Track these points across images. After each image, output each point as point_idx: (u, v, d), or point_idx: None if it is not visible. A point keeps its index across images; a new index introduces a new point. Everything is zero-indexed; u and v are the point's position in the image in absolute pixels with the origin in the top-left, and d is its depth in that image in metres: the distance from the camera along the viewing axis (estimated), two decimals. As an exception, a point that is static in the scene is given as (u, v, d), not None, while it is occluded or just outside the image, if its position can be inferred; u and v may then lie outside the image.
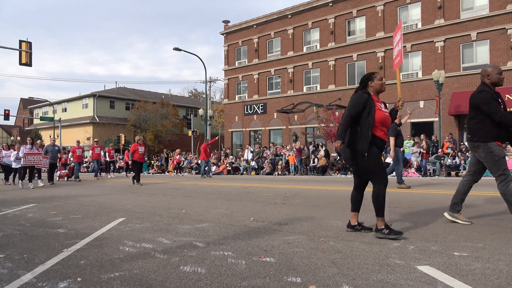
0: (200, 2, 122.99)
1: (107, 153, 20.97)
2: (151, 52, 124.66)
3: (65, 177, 18.17)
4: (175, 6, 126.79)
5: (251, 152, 23.83)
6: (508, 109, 16.26)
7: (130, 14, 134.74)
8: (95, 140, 22.94)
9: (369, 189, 3.99)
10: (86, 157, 28.46)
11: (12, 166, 14.82)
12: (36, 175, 15.70)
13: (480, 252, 3.21)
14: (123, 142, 35.29)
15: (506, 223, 4.49)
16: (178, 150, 23.89)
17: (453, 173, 15.84)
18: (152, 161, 29.63)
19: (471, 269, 2.76)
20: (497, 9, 19.70)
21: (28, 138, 13.22)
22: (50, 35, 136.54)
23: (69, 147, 27.90)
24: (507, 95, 18.67)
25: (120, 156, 29.60)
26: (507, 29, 19.39)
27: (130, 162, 17.81)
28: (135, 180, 13.06)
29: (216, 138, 23.99)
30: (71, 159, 20.16)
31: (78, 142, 18.96)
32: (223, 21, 32.56)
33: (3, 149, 15.68)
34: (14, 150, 14.86)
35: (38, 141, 16.38)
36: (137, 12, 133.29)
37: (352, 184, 4.22)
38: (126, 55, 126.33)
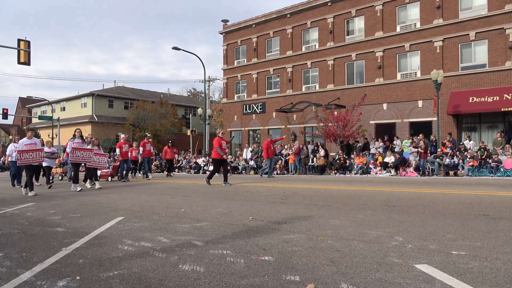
0: (199, 1, 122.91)
1: (141, 149, 16.99)
2: (150, 51, 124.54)
3: (108, 177, 15.56)
4: (174, 6, 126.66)
5: (250, 151, 23.83)
6: (507, 109, 16.30)
7: (129, 14, 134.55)
8: (146, 134, 19.76)
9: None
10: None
11: (44, 165, 12.46)
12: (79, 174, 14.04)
13: (478, 250, 3.22)
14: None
15: (504, 222, 4.50)
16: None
17: (451, 172, 15.87)
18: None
19: (469, 267, 2.77)
20: (496, 9, 19.73)
21: (77, 130, 10.98)
22: (49, 34, 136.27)
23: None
24: (505, 95, 18.72)
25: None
26: (505, 29, 19.41)
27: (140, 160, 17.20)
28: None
29: (283, 137, 20.34)
30: (115, 157, 18.01)
31: (124, 137, 16.17)
32: (222, 21, 32.55)
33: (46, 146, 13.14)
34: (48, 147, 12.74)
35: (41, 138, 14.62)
36: (136, 12, 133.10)
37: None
38: (125, 55, 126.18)
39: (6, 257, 3.40)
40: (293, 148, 20.71)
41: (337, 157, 20.24)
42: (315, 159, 19.87)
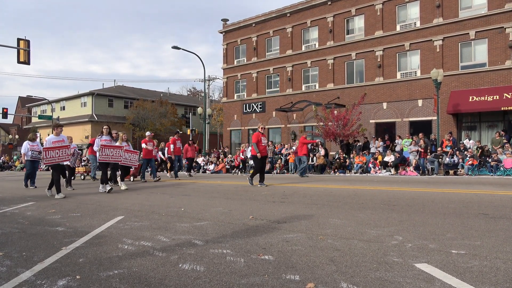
0: (199, 0, 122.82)
1: (172, 146, 15.85)
2: (149, 51, 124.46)
3: (130, 177, 14.31)
4: (174, 5, 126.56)
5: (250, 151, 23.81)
6: (506, 108, 16.31)
7: (128, 13, 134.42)
8: (177, 131, 18.55)
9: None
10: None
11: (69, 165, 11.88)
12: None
13: (477, 250, 3.23)
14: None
15: (504, 221, 4.51)
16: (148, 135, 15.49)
17: (451, 171, 15.88)
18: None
19: (468, 266, 2.77)
20: (496, 8, 19.73)
21: (105, 127, 9.87)
22: (49, 34, 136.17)
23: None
24: (505, 94, 18.72)
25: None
26: (505, 28, 19.41)
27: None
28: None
29: (317, 141, 20.04)
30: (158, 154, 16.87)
31: (149, 134, 14.94)
32: (221, 20, 32.53)
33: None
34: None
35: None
36: (135, 11, 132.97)
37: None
38: (125, 54, 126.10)
39: (6, 256, 3.40)
40: (293, 148, 20.71)
41: (337, 156, 20.24)
42: (315, 158, 19.87)
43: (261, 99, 29.57)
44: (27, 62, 19.74)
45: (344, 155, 19.81)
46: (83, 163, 18.90)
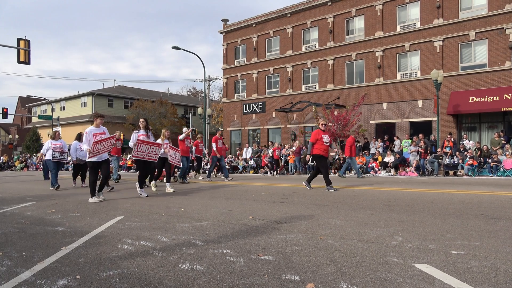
0: (199, 1, 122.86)
1: (213, 145, 14.26)
2: (150, 50, 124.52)
3: (164, 178, 12.45)
4: (174, 5, 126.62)
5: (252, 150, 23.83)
6: (507, 109, 16.32)
7: (128, 13, 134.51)
8: (219, 129, 17.68)
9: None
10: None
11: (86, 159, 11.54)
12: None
13: (477, 250, 3.23)
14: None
15: (504, 221, 4.51)
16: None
17: (451, 172, 15.88)
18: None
19: (468, 267, 2.77)
20: (496, 9, 19.73)
21: (141, 120, 8.93)
22: (49, 34, 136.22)
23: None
24: (505, 95, 18.73)
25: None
26: (505, 29, 19.41)
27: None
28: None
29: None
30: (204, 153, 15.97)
31: (186, 130, 13.61)
32: (222, 20, 32.54)
33: (79, 141, 11.45)
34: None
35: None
36: (135, 11, 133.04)
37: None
38: (125, 54, 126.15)
39: (6, 256, 3.40)
40: (293, 148, 20.72)
41: (336, 157, 20.24)
42: (280, 159, 19.98)
43: (261, 99, 29.57)
44: (27, 62, 19.76)
45: (344, 155, 19.80)
46: None
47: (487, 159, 15.67)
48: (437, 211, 5.41)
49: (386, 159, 17.86)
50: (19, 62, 19.62)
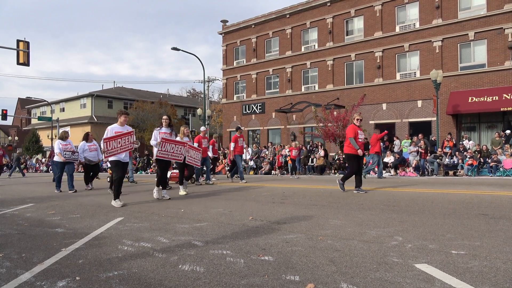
0: (199, 1, 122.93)
1: (232, 144, 13.40)
2: (149, 51, 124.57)
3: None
4: (174, 5, 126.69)
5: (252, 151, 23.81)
6: (506, 108, 16.28)
7: (128, 13, 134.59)
8: (239, 127, 13.88)
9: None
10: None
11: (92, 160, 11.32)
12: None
13: (477, 250, 3.22)
14: None
15: (504, 221, 4.51)
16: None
17: (450, 172, 15.88)
18: (151, 161, 29.57)
19: (468, 267, 2.77)
20: (495, 9, 19.76)
21: (165, 117, 8.25)
22: (49, 34, 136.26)
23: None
24: (504, 94, 18.74)
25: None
26: (504, 29, 19.44)
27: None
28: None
29: (386, 131, 16.51)
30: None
31: (204, 129, 13.22)
32: (221, 21, 32.56)
33: (87, 141, 11.46)
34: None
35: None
36: (135, 11, 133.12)
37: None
38: (125, 55, 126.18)
39: (6, 257, 3.39)
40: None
41: (336, 157, 20.24)
42: (314, 159, 19.88)
43: (261, 100, 29.58)
44: (26, 63, 19.75)
45: (343, 156, 19.80)
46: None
47: (487, 159, 15.67)
48: (437, 211, 5.41)
49: (386, 160, 17.86)
50: (18, 63, 19.61)
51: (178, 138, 8.79)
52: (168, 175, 11.49)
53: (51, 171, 25.87)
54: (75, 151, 11.10)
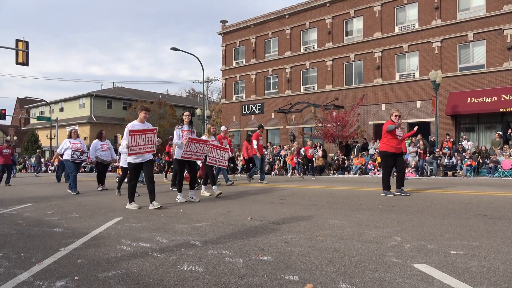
0: (199, 1, 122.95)
1: (254, 142, 12.79)
2: (149, 52, 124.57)
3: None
4: (174, 5, 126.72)
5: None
6: (505, 109, 16.31)
7: (128, 13, 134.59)
8: (261, 125, 13.80)
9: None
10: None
11: (104, 159, 10.78)
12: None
13: (476, 250, 3.23)
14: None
15: (502, 222, 4.51)
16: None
17: (449, 173, 15.90)
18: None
19: (467, 267, 2.77)
20: (494, 10, 19.79)
21: (186, 114, 7.56)
22: (49, 35, 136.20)
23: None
24: (503, 95, 18.76)
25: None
26: (503, 30, 19.47)
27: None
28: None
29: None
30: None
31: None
32: (220, 21, 32.56)
33: (100, 140, 10.85)
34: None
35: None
36: (135, 11, 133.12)
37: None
38: (125, 55, 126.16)
39: (4, 257, 3.39)
40: (291, 149, 20.71)
41: (335, 158, 20.25)
42: (313, 159, 19.86)
43: (260, 100, 29.59)
44: (25, 63, 19.72)
45: (343, 156, 19.81)
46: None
47: (486, 160, 15.69)
48: (436, 212, 5.41)
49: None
50: (17, 63, 19.58)
51: (203, 137, 8.45)
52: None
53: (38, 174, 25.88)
54: (85, 151, 10.47)
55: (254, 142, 12.48)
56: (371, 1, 23.86)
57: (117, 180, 13.36)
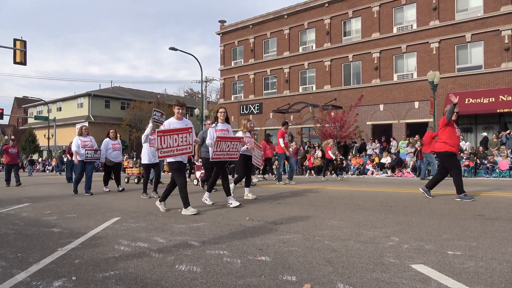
0: (199, 1, 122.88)
1: (280, 140, 12.36)
2: (149, 52, 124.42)
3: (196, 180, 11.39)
4: (174, 5, 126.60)
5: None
6: (502, 110, 16.38)
7: (128, 14, 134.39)
8: (286, 122, 13.37)
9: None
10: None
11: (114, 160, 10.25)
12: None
13: (473, 251, 3.24)
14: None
15: (500, 222, 4.53)
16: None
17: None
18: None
19: (464, 267, 2.78)
20: (492, 11, 19.86)
21: (221, 110, 7.00)
22: (49, 35, 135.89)
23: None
24: (500, 96, 18.83)
25: None
26: (501, 31, 19.54)
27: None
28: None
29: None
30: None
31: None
32: (219, 21, 32.54)
33: (111, 138, 10.38)
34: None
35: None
36: (135, 11, 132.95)
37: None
38: (124, 55, 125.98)
39: (1, 257, 3.38)
40: (290, 149, 20.69)
41: (334, 158, 20.24)
42: (312, 159, 19.86)
43: (258, 100, 29.59)
44: (23, 62, 19.65)
45: (341, 156, 19.83)
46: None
47: (483, 160, 15.73)
48: (433, 212, 5.43)
49: (383, 160, 17.91)
50: (15, 62, 19.50)
51: (239, 134, 7.79)
52: (198, 175, 10.76)
53: (61, 173, 25.71)
54: (97, 149, 9.75)
55: (281, 141, 11.75)
56: (370, 1, 23.90)
57: (136, 182, 13.01)
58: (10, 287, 2.61)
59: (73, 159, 9.60)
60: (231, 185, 7.54)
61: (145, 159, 8.83)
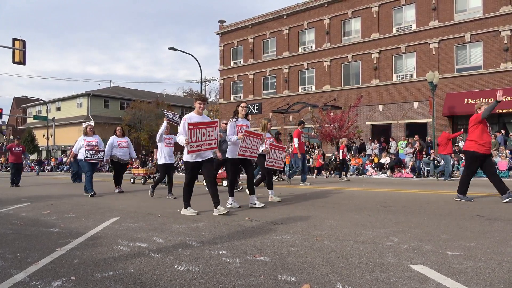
0: (198, 1, 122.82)
1: (296, 140, 11.79)
2: (148, 52, 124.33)
3: (223, 181, 10.96)
4: (174, 5, 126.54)
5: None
6: (501, 110, 16.42)
7: (128, 14, 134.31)
8: (302, 121, 12.45)
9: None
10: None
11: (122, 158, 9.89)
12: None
13: (472, 251, 3.24)
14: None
15: (499, 222, 4.53)
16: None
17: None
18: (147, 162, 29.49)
19: (463, 267, 2.78)
20: (491, 11, 19.88)
21: (243, 105, 6.62)
22: (49, 35, 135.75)
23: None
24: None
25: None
26: (500, 31, 19.56)
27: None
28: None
29: (462, 131, 15.70)
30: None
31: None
32: (218, 21, 32.53)
33: (117, 136, 10.01)
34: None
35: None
36: (135, 11, 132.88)
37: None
38: (123, 55, 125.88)
39: (0, 257, 3.37)
40: (289, 149, 20.70)
41: (333, 158, 20.27)
42: (311, 160, 19.88)
43: (258, 100, 29.59)
44: (22, 62, 19.64)
45: (340, 156, 19.82)
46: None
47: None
48: (432, 212, 5.43)
49: (382, 160, 17.92)
50: (14, 62, 19.49)
51: (259, 130, 7.46)
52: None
53: (68, 171, 25.61)
54: (100, 149, 9.43)
55: (296, 140, 11.36)
56: (369, 2, 23.91)
57: (142, 182, 12.82)
58: (8, 287, 2.60)
59: (68, 158, 9.24)
60: (270, 192, 7.40)
61: (161, 159, 8.57)
